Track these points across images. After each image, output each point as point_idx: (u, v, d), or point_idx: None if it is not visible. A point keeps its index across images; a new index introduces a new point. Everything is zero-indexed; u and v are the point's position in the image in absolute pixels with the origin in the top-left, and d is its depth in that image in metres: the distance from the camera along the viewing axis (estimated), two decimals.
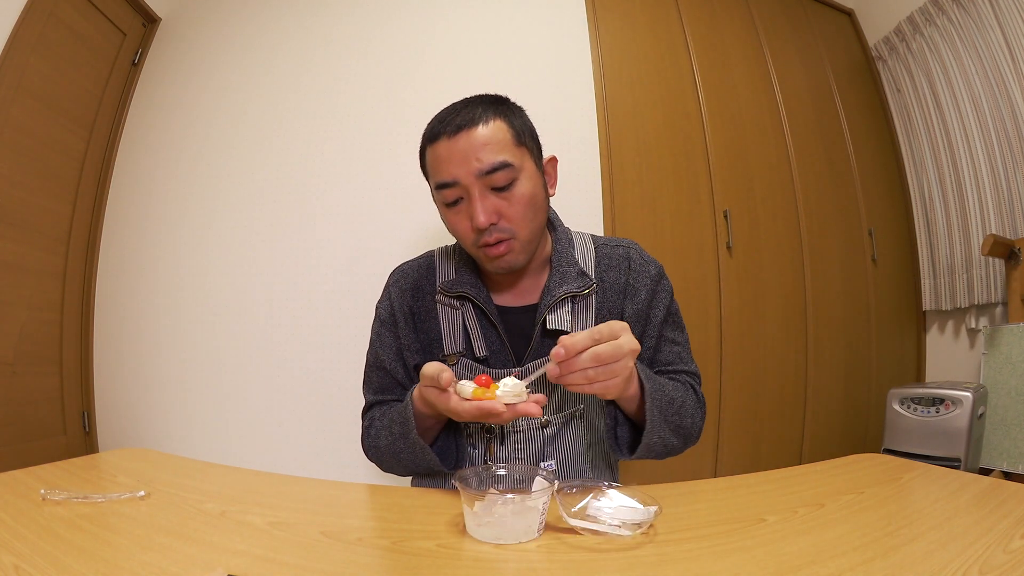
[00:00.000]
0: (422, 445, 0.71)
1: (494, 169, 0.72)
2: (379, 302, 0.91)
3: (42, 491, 0.60)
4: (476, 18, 1.85)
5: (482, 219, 0.73)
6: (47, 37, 1.70)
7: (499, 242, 0.75)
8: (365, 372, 0.90)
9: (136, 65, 2.05)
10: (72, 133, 1.86)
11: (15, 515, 0.54)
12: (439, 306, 0.85)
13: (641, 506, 0.53)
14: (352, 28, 1.87)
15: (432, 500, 0.62)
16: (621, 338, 0.60)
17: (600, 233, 1.69)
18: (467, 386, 0.60)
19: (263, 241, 1.80)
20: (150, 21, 2.08)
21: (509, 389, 0.59)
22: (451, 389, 0.62)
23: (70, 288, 1.88)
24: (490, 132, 0.73)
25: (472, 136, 0.72)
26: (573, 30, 1.83)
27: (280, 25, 1.92)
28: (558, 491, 0.55)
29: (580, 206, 1.73)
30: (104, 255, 1.97)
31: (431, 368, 0.62)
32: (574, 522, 0.50)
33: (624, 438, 0.75)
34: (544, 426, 0.81)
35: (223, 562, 0.44)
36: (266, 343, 1.75)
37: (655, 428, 0.70)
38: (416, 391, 0.72)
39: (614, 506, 0.54)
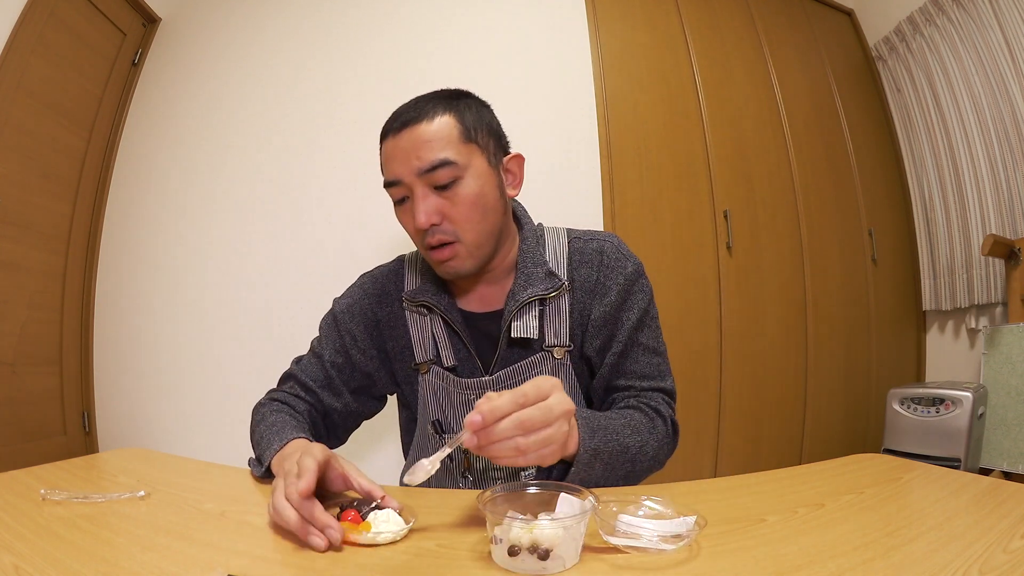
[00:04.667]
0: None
1: (434, 167, 0.69)
2: (339, 298, 0.87)
3: (42, 491, 0.60)
4: (476, 18, 1.85)
5: (422, 219, 0.70)
6: (47, 37, 1.70)
7: (442, 245, 0.72)
8: (307, 353, 0.87)
9: (136, 65, 2.05)
10: (72, 133, 1.86)
11: (15, 515, 0.54)
12: (407, 313, 0.82)
13: (677, 516, 0.49)
14: (351, 29, 1.87)
15: (432, 500, 0.62)
16: (551, 398, 0.53)
17: None
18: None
19: (263, 241, 1.80)
20: (150, 21, 2.08)
21: (384, 519, 0.51)
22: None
23: (70, 288, 1.88)
24: (434, 128, 0.70)
25: (415, 133, 0.70)
26: (573, 30, 1.83)
27: (280, 25, 1.92)
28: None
29: (580, 206, 1.73)
30: (104, 255, 1.97)
31: (308, 460, 0.53)
32: (616, 540, 0.47)
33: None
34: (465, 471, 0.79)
35: (223, 562, 0.44)
36: (266, 343, 1.75)
37: (594, 478, 0.65)
38: (292, 447, 0.64)
39: (646, 517, 0.50)
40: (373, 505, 0.53)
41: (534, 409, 0.52)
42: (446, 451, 0.53)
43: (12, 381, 1.66)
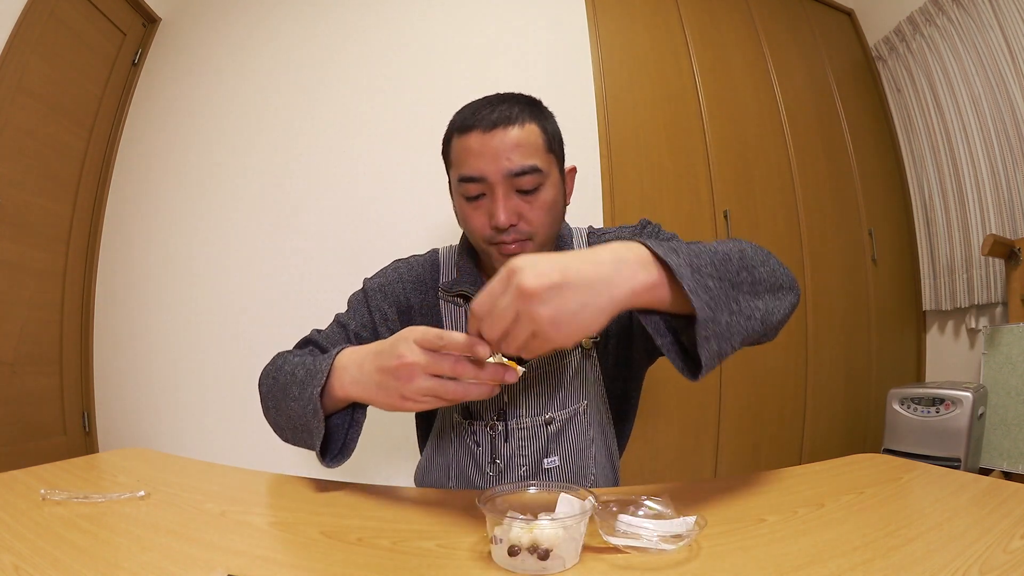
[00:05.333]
0: (316, 408, 0.61)
1: (524, 172, 0.72)
2: (370, 278, 0.88)
3: (42, 491, 0.60)
4: (477, 18, 1.85)
5: (503, 219, 0.72)
6: (47, 37, 1.70)
7: (515, 242, 0.75)
8: (330, 324, 0.85)
9: (136, 65, 2.05)
10: (72, 133, 1.86)
11: (15, 515, 0.54)
12: (442, 303, 0.85)
13: (677, 516, 0.50)
14: (352, 29, 1.87)
15: (432, 500, 0.62)
16: (506, 311, 0.47)
17: None
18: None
19: (264, 241, 1.80)
20: (150, 21, 2.08)
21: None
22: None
23: (70, 288, 1.88)
24: (525, 134, 0.73)
25: (508, 135, 0.72)
26: (573, 30, 1.83)
27: (280, 25, 1.92)
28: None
29: (580, 207, 1.73)
30: (104, 255, 1.97)
31: (455, 334, 0.52)
32: (616, 540, 0.47)
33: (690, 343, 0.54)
34: (548, 423, 0.81)
35: (223, 562, 0.44)
36: (267, 343, 1.74)
37: (716, 302, 0.48)
38: (352, 354, 0.62)
39: (646, 517, 0.51)
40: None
41: (483, 295, 0.49)
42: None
43: (12, 381, 1.66)
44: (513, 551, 0.43)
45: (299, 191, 1.80)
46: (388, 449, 1.58)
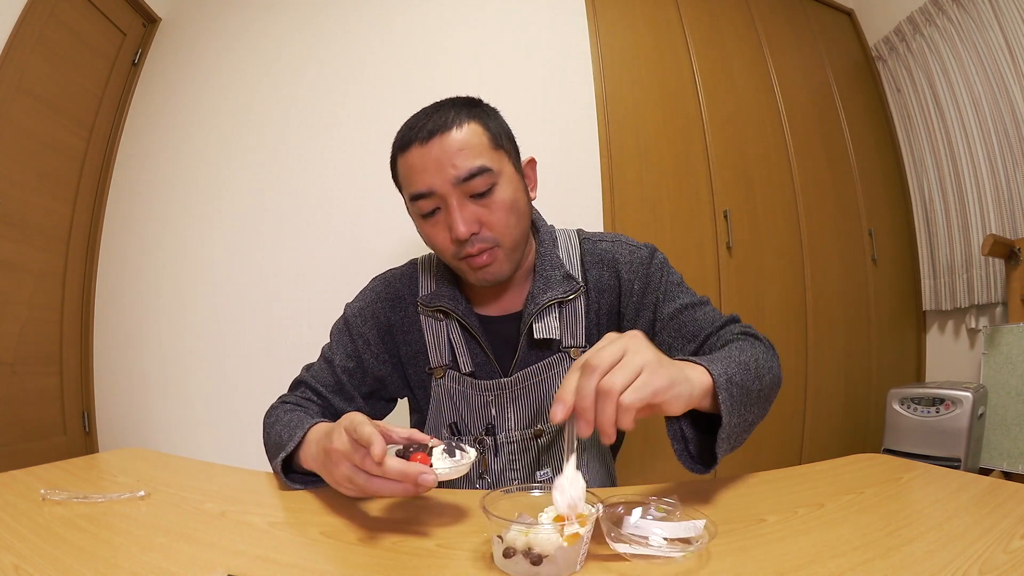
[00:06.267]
0: (282, 479, 0.67)
1: (472, 175, 0.68)
2: (351, 303, 0.87)
3: (42, 491, 0.60)
4: (476, 18, 1.85)
5: (462, 229, 0.68)
6: (47, 37, 1.70)
7: (482, 252, 0.71)
8: (318, 359, 0.86)
9: (136, 65, 2.05)
10: (72, 133, 1.86)
11: (15, 515, 0.54)
12: (422, 318, 0.82)
13: (685, 520, 0.48)
14: (352, 29, 1.87)
15: (433, 500, 0.62)
16: (616, 342, 0.50)
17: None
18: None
19: (263, 241, 1.80)
20: (150, 21, 2.08)
21: (440, 457, 0.54)
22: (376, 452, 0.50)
23: (70, 288, 1.88)
24: (465, 136, 0.69)
25: (446, 141, 0.68)
26: (573, 30, 1.83)
27: (280, 25, 1.92)
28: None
29: (580, 206, 1.73)
30: (104, 255, 1.97)
31: (366, 427, 0.51)
32: (621, 547, 0.46)
33: (696, 451, 0.62)
34: (537, 436, 0.79)
35: (223, 562, 0.44)
36: (266, 343, 1.75)
37: (735, 413, 0.57)
38: (316, 431, 0.64)
39: (654, 521, 0.49)
40: (416, 447, 0.55)
41: (594, 353, 0.50)
42: (573, 459, 0.50)
43: (12, 381, 1.66)
44: (508, 553, 0.42)
45: (301, 191, 1.80)
46: None
